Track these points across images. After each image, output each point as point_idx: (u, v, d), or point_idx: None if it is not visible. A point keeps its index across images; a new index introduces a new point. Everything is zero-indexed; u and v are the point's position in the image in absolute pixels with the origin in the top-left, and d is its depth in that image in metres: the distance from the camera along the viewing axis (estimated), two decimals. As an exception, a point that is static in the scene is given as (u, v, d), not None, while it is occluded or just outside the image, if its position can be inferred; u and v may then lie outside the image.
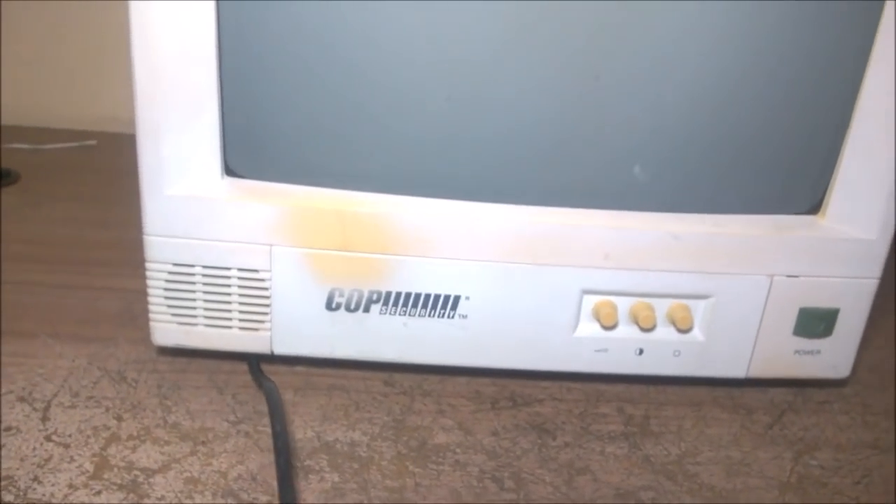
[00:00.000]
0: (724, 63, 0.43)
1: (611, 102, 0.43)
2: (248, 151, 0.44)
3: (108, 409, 0.45)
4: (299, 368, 0.50)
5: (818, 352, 0.49)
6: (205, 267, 0.45)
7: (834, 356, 0.50)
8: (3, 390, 0.46)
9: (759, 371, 0.49)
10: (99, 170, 0.80)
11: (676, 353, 0.48)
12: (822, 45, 0.43)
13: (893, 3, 0.42)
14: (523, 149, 0.44)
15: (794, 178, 0.46)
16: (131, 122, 0.73)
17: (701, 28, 0.42)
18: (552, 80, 0.42)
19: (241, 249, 0.45)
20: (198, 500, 0.39)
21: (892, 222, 0.46)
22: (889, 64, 0.43)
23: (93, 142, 0.87)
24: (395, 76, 0.42)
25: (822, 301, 0.48)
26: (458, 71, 0.42)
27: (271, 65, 0.42)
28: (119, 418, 0.44)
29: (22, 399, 0.45)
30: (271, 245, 0.45)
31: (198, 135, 0.42)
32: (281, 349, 0.48)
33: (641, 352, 0.48)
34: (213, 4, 0.39)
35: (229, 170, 0.44)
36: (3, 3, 0.88)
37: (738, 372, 0.49)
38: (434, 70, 0.42)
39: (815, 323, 0.48)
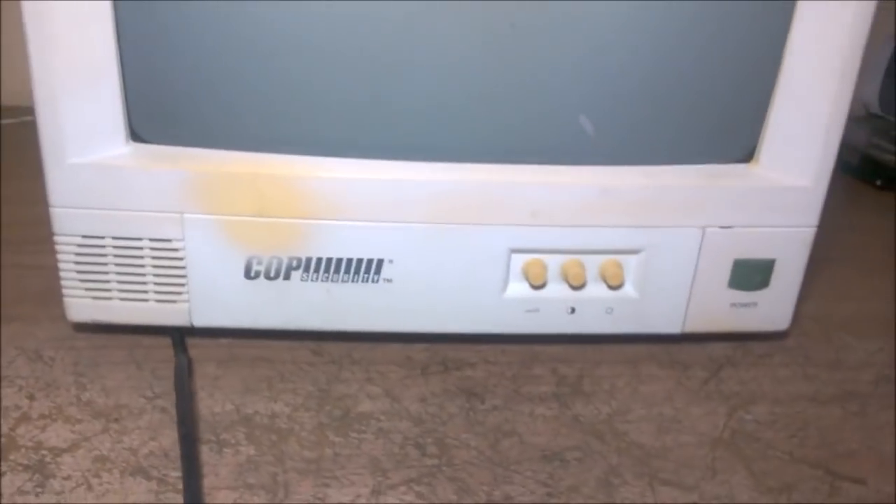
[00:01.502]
0: (650, 10, 0.41)
1: (530, 52, 0.41)
2: (153, 115, 0.42)
3: (20, 389, 0.43)
4: (224, 340, 0.48)
5: (755, 304, 0.48)
6: (115, 238, 0.44)
7: (772, 308, 0.48)
8: (-88, 373, 0.44)
9: (695, 326, 0.48)
10: (33, 146, 0.78)
11: (609, 311, 0.47)
12: (744, 9, 0.41)
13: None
14: (442, 104, 0.42)
15: (726, 125, 0.44)
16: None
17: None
18: (467, 30, 0.40)
19: (151, 218, 0.43)
20: (105, 479, 0.37)
21: (829, 168, 0.45)
22: (816, 8, 0.41)
23: (31, 118, 0.84)
24: (304, 32, 0.40)
25: (757, 252, 0.47)
26: (370, 25, 0.40)
27: (173, 23, 0.39)
28: (31, 397, 0.43)
29: (-69, 382, 0.43)
30: (183, 213, 0.43)
31: (99, 100, 0.40)
32: (201, 321, 0.46)
33: (573, 310, 0.47)
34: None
35: (135, 135, 0.42)
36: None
37: (674, 328, 0.48)
38: (346, 25, 0.40)
39: (751, 275, 0.47)
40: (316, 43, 0.40)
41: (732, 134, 0.45)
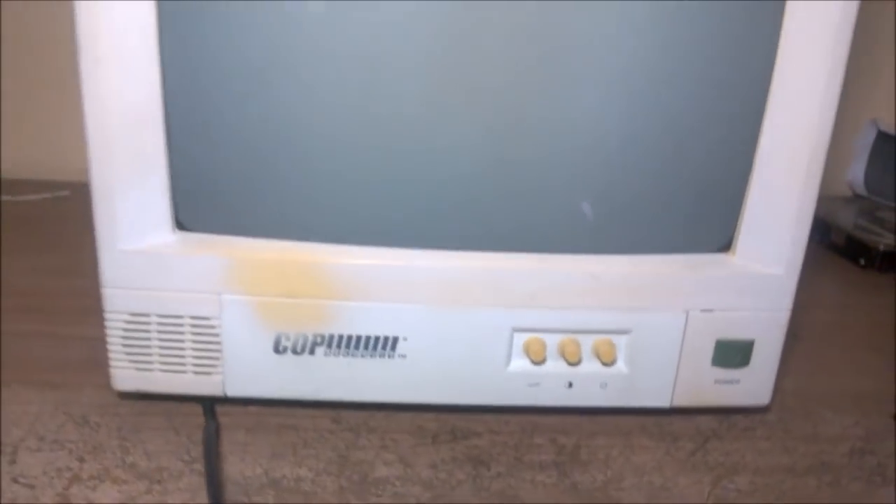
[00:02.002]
0: (635, 118, 0.47)
1: (530, 155, 0.47)
2: (196, 207, 0.47)
3: (71, 452, 0.48)
4: (252, 409, 0.53)
5: (737, 381, 0.53)
6: (159, 316, 0.49)
7: (753, 384, 0.53)
8: (-28, 436, 0.49)
9: (682, 401, 0.53)
10: (72, 220, 0.84)
11: (603, 385, 0.52)
12: (724, 101, 0.47)
13: (785, 64, 0.46)
14: (451, 199, 0.47)
15: (705, 219, 0.50)
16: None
17: (611, 85, 0.46)
18: (474, 134, 0.46)
19: (192, 299, 0.48)
20: (149, 535, 0.42)
21: (799, 257, 0.50)
22: (783, 114, 0.47)
23: (66, 192, 0.90)
24: (330, 137, 0.45)
25: (736, 333, 0.51)
26: (388, 130, 0.45)
27: (215, 126, 0.45)
28: (81, 459, 0.47)
29: (-11, 444, 0.48)
30: (220, 294, 0.48)
31: (148, 193, 0.46)
32: (233, 391, 0.51)
33: (571, 385, 0.51)
34: (158, 73, 0.43)
35: (179, 224, 0.48)
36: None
37: (663, 402, 0.52)
38: (365, 129, 0.45)
39: (732, 354, 0.52)
40: (339, 147, 0.46)
41: (711, 227, 0.50)
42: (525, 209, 0.48)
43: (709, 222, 0.50)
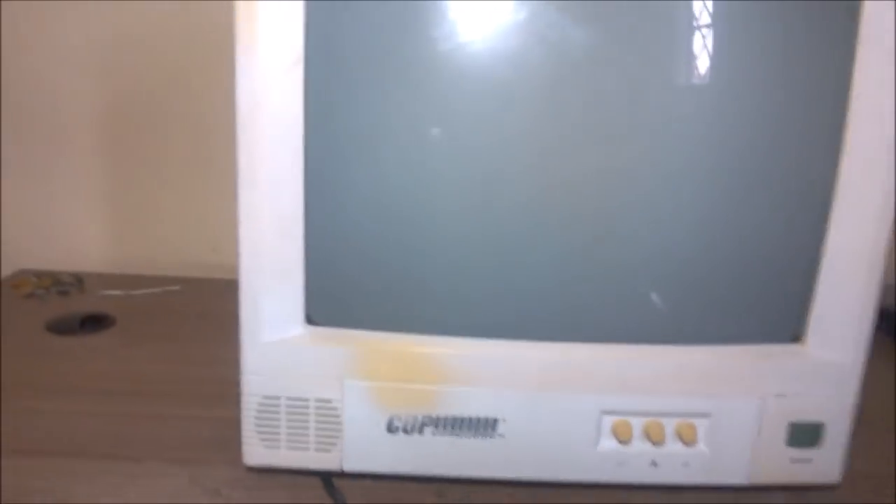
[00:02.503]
0: (712, 223, 0.53)
1: (618, 259, 0.53)
2: (324, 305, 0.54)
3: (208, 520, 0.54)
4: (365, 483, 0.58)
5: (810, 460, 0.57)
6: (288, 398, 0.55)
7: (825, 464, 0.57)
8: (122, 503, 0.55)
9: (758, 478, 0.57)
10: (183, 312, 0.92)
11: (685, 464, 0.56)
12: (793, 204, 0.53)
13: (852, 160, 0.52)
14: (548, 298, 0.54)
15: (778, 313, 0.55)
16: (210, 268, 0.86)
17: (690, 192, 0.52)
18: (569, 242, 0.53)
19: (318, 383, 0.55)
20: None
21: (864, 347, 0.55)
22: (848, 216, 0.53)
23: (176, 287, 0.99)
24: (443, 248, 0.53)
25: (808, 416, 0.56)
26: (495, 241, 0.53)
27: (344, 239, 0.53)
28: (218, 527, 0.53)
29: (138, 512, 0.55)
30: (343, 379, 0.55)
31: (287, 294, 0.53)
32: (349, 466, 0.57)
33: (655, 464, 0.56)
34: (302, 193, 0.51)
35: (310, 319, 0.55)
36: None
37: (741, 479, 0.57)
38: (475, 242, 0.53)
39: (804, 435, 0.56)
40: (454, 258, 0.53)
41: (784, 321, 0.55)
42: (614, 305, 0.54)
43: (781, 315, 0.55)
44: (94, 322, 0.86)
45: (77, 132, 1.04)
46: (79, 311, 0.88)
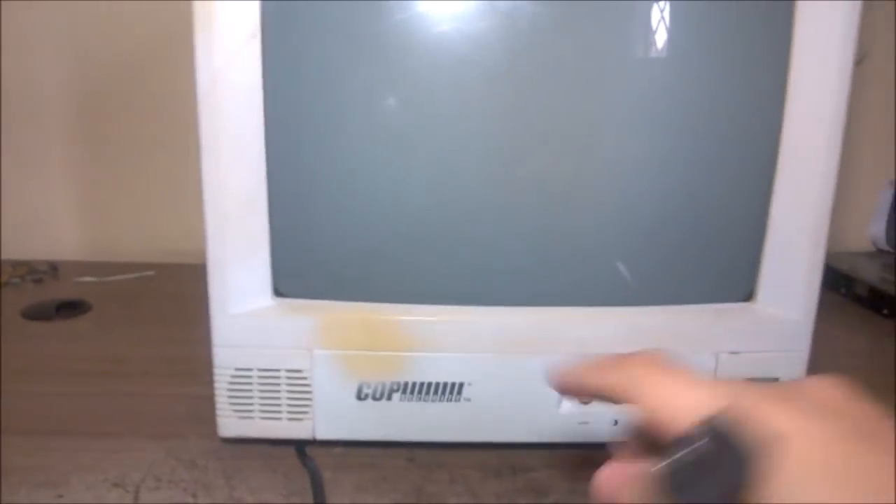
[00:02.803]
0: (664, 191, 0.55)
1: (575, 224, 0.55)
2: (291, 278, 0.56)
3: (185, 490, 0.56)
4: (337, 450, 0.60)
5: (765, 415, 0.59)
6: (260, 370, 0.57)
7: (780, 419, 0.59)
8: (101, 478, 0.57)
9: (716, 434, 0.59)
10: (158, 297, 0.93)
11: (645, 422, 0.58)
12: (740, 173, 0.55)
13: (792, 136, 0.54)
14: (509, 263, 0.56)
15: (729, 273, 0.57)
16: (183, 253, 0.87)
17: (641, 163, 0.54)
18: (527, 210, 0.55)
19: (287, 354, 0.57)
20: (262, 553, 0.49)
21: (813, 303, 0.57)
22: (791, 180, 0.55)
23: (151, 273, 1.00)
24: (405, 217, 0.54)
25: (762, 372, 0.58)
26: (454, 210, 0.54)
27: (308, 211, 0.54)
28: (195, 496, 0.55)
29: (116, 485, 0.56)
30: (312, 349, 0.56)
31: (253, 266, 0.55)
32: (322, 435, 0.58)
33: (616, 422, 0.58)
34: (265, 168, 0.53)
35: (277, 292, 0.56)
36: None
37: (699, 435, 0.59)
38: (434, 212, 0.54)
39: (759, 391, 0.58)
40: (415, 227, 0.55)
41: (734, 280, 0.57)
42: (573, 269, 0.56)
43: (732, 276, 0.57)
44: (70, 308, 0.88)
45: (49, 121, 1.04)
46: (54, 298, 0.89)
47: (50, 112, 1.04)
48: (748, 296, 0.58)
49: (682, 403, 0.29)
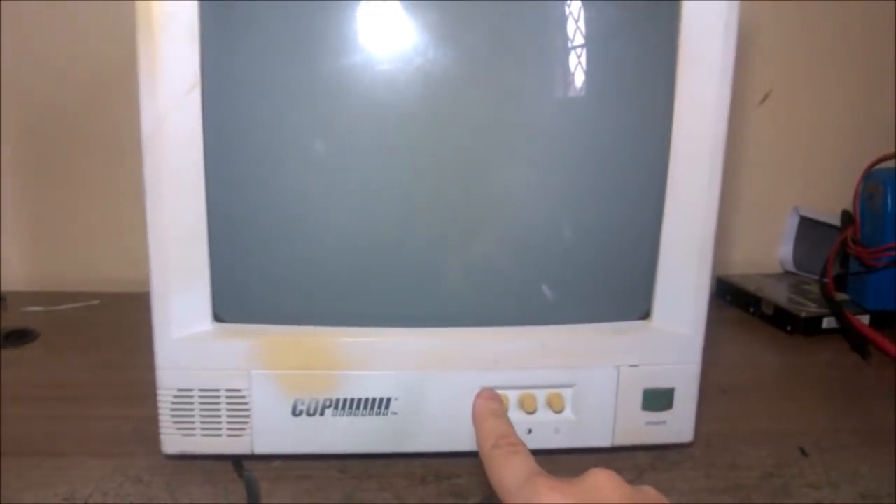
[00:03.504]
0: (566, 222, 0.61)
1: (488, 253, 0.61)
2: (230, 304, 0.61)
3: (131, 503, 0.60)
4: (275, 463, 0.65)
5: (664, 422, 0.66)
6: (201, 390, 0.62)
7: (677, 424, 0.66)
8: (51, 494, 0.60)
9: (621, 440, 0.65)
10: (104, 324, 0.97)
11: (557, 430, 0.64)
12: (631, 207, 0.62)
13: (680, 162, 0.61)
14: (426, 290, 0.62)
15: (627, 294, 0.64)
16: (128, 282, 0.91)
17: (542, 197, 0.61)
18: (441, 243, 0.61)
19: (227, 375, 0.61)
20: (202, 557, 0.53)
21: (702, 320, 0.64)
22: (677, 213, 0.62)
23: (96, 301, 1.03)
24: (333, 248, 0.60)
25: (659, 382, 0.65)
26: (376, 244, 0.60)
27: (245, 243, 0.60)
28: (140, 509, 0.59)
29: (65, 500, 0.60)
30: (249, 370, 0.61)
31: (194, 294, 0.60)
32: (260, 449, 0.63)
33: (530, 431, 0.64)
34: (204, 203, 0.58)
35: (217, 317, 0.61)
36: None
37: (605, 442, 0.65)
38: (360, 247, 0.60)
39: (657, 400, 0.65)
40: (343, 258, 0.60)
41: (632, 300, 0.64)
42: (487, 293, 0.62)
43: (630, 297, 0.64)
44: (19, 337, 0.91)
45: (-6, 157, 1.07)
46: (3, 328, 0.92)
47: (-5, 149, 1.07)
48: (645, 314, 0.64)
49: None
